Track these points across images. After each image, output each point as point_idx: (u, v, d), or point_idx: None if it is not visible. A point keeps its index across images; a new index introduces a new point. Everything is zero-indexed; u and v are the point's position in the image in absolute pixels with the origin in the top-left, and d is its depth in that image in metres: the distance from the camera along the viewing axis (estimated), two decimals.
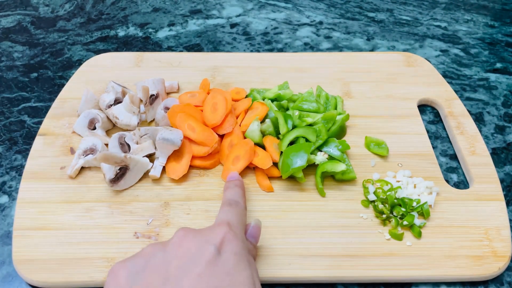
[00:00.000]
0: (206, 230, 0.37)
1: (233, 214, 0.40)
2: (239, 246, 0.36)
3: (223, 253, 0.35)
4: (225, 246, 0.35)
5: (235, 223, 0.39)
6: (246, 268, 0.35)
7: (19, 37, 0.75)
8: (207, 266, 0.33)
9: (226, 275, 0.33)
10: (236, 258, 0.35)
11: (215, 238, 0.35)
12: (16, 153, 0.57)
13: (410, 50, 0.74)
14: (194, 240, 0.35)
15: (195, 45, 0.74)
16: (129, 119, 0.56)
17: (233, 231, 0.37)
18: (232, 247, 0.35)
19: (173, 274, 0.33)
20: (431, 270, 0.45)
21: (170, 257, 0.34)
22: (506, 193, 0.54)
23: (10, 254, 0.47)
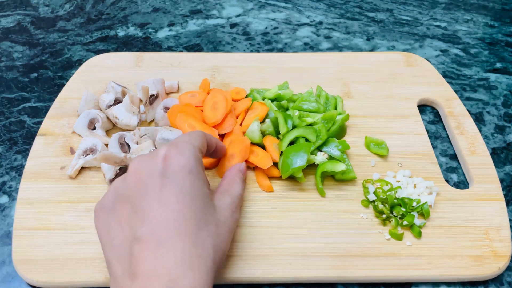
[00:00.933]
0: (153, 152, 0.38)
1: (184, 135, 0.41)
2: (185, 161, 0.36)
3: (170, 174, 0.35)
4: (169, 165, 0.36)
5: (181, 139, 0.39)
6: (202, 186, 0.37)
7: (19, 37, 0.75)
8: (160, 191, 0.35)
9: (182, 194, 0.35)
10: (186, 175, 0.36)
11: (157, 161, 0.36)
12: (16, 153, 0.57)
13: (410, 50, 0.74)
14: (145, 167, 0.36)
15: (195, 45, 0.74)
16: (129, 119, 0.56)
17: (176, 147, 0.38)
18: (177, 164, 0.36)
19: (136, 205, 0.35)
20: (431, 270, 0.45)
21: (129, 188, 0.36)
22: (506, 193, 0.54)
23: (10, 254, 0.47)
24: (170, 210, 0.34)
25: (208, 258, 0.34)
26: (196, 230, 0.34)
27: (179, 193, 0.35)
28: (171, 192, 0.35)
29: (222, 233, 0.38)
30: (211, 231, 0.36)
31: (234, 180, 0.46)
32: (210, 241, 0.35)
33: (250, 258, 0.46)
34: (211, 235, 0.36)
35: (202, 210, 0.36)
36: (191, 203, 0.35)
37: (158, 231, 0.33)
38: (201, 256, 0.34)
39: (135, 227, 0.34)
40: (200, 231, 0.34)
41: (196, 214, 0.35)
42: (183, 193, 0.35)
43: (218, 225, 0.37)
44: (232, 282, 0.45)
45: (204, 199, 0.37)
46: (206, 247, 0.34)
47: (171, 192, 0.35)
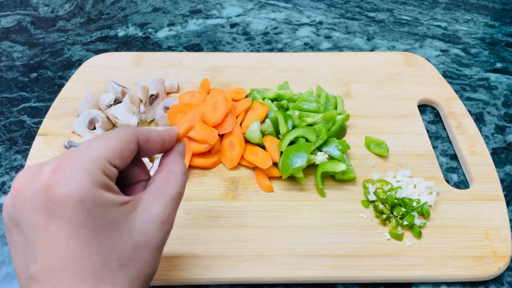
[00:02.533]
0: (38, 168, 0.30)
1: (88, 142, 0.31)
2: (69, 189, 0.28)
3: (53, 204, 0.28)
4: (52, 190, 0.28)
5: (75, 156, 0.30)
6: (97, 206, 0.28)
7: (19, 37, 0.75)
8: (47, 223, 0.28)
9: (70, 228, 0.28)
10: (71, 203, 0.28)
11: (40, 181, 0.28)
12: (16, 153, 0.57)
13: (410, 50, 0.74)
14: (26, 185, 0.29)
15: (195, 45, 0.74)
16: (129, 119, 0.56)
17: (63, 168, 0.28)
18: (59, 192, 0.28)
19: (26, 233, 0.29)
20: (431, 270, 0.45)
21: (15, 210, 0.29)
22: (506, 193, 0.54)
23: (10, 254, 0.47)
24: (62, 249, 0.27)
25: None
26: (100, 265, 0.28)
27: (70, 228, 0.27)
28: (60, 228, 0.27)
29: (142, 257, 0.30)
30: (123, 261, 0.29)
31: (171, 171, 0.34)
32: (122, 273, 0.29)
33: (250, 258, 0.46)
34: (125, 265, 0.29)
35: (106, 241, 0.29)
36: (89, 237, 0.28)
37: (50, 272, 0.27)
38: None
39: (29, 262, 0.29)
40: (106, 266, 0.28)
41: (98, 248, 0.28)
42: (76, 227, 0.28)
43: (136, 249, 0.30)
44: (232, 282, 0.45)
45: (110, 226, 0.29)
46: (117, 281, 0.29)
47: (61, 228, 0.27)
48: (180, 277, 0.44)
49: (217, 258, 0.45)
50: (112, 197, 0.30)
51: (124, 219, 0.30)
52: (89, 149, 0.30)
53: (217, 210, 0.50)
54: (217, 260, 0.45)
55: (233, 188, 0.52)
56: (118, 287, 0.29)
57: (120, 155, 0.31)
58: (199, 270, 0.45)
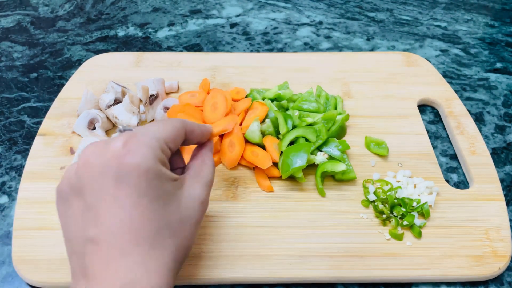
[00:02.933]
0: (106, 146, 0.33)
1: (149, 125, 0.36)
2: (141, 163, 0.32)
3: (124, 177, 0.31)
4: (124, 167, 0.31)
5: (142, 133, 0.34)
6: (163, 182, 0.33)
7: (18, 37, 0.75)
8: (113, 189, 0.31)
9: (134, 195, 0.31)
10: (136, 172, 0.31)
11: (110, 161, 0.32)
12: (16, 153, 0.57)
13: (410, 50, 0.74)
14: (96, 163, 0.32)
15: (195, 45, 0.74)
16: (128, 119, 0.56)
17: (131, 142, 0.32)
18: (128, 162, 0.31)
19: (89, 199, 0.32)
20: (431, 270, 0.45)
21: (80, 178, 0.32)
22: (506, 193, 0.54)
23: (10, 254, 0.47)
24: (124, 214, 0.31)
25: (169, 258, 0.32)
26: (154, 232, 0.32)
27: (134, 195, 0.31)
28: (125, 194, 0.31)
29: (186, 230, 0.35)
30: (172, 231, 0.33)
31: (204, 162, 0.40)
32: (170, 242, 0.33)
33: (250, 258, 0.46)
34: (173, 234, 0.33)
35: (162, 210, 0.33)
36: (149, 205, 0.32)
37: (111, 234, 0.31)
38: (159, 258, 0.32)
39: (87, 226, 0.31)
40: (159, 233, 0.32)
41: (154, 215, 0.32)
42: (139, 195, 0.31)
43: (182, 221, 0.34)
44: (232, 282, 0.45)
45: (165, 197, 0.33)
46: (166, 248, 0.32)
47: (126, 194, 0.31)
48: (180, 277, 0.44)
49: (217, 258, 0.45)
50: (168, 172, 0.34)
51: (174, 193, 0.34)
52: (150, 130, 0.34)
53: (217, 210, 0.50)
54: (217, 260, 0.45)
55: (233, 188, 0.52)
56: (167, 253, 0.32)
57: (174, 139, 0.36)
58: (199, 270, 0.45)
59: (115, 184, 0.31)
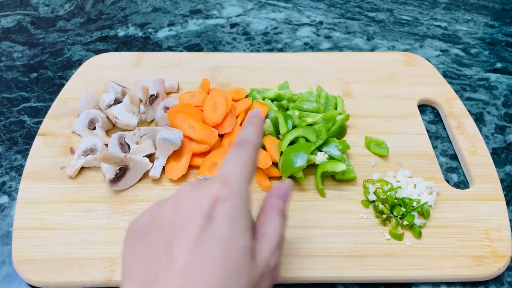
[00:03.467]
0: (202, 185, 0.33)
1: (235, 162, 0.34)
2: (235, 207, 0.31)
3: (215, 218, 0.30)
4: (218, 208, 0.31)
5: (235, 175, 0.33)
6: (242, 234, 0.31)
7: (19, 37, 0.75)
8: (198, 234, 0.30)
9: (218, 243, 0.30)
10: (231, 223, 0.31)
11: (205, 199, 0.31)
12: (16, 153, 0.57)
13: (410, 50, 0.74)
14: (188, 199, 0.32)
15: (195, 45, 0.74)
16: (129, 119, 0.56)
17: (229, 187, 0.32)
18: (226, 209, 0.31)
19: (167, 240, 0.30)
20: (431, 270, 0.45)
21: (166, 218, 0.32)
22: (506, 193, 0.54)
23: (10, 254, 0.47)
24: (200, 260, 0.29)
25: None
26: (224, 285, 0.29)
27: (215, 241, 0.30)
28: (207, 240, 0.30)
29: (258, 284, 0.32)
30: (242, 286, 0.30)
31: (270, 215, 0.36)
32: None
33: None
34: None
35: (234, 265, 0.30)
36: (225, 255, 0.30)
37: (181, 280, 0.29)
38: None
39: (158, 266, 0.30)
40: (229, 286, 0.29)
41: (226, 269, 0.30)
42: (220, 243, 0.30)
43: (252, 278, 0.31)
44: None
45: (241, 252, 0.31)
46: None
47: (207, 240, 0.30)
48: None
49: None
50: (248, 219, 0.33)
51: (249, 246, 0.32)
52: (242, 172, 0.33)
53: None
54: None
55: None
56: None
57: (254, 172, 0.35)
58: None
59: (202, 225, 0.30)
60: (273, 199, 0.37)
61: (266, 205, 0.37)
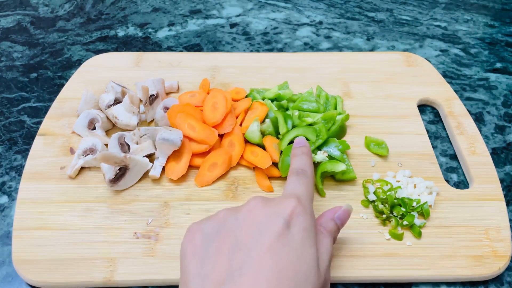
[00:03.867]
0: (276, 201, 0.37)
1: (302, 186, 0.39)
2: (307, 221, 0.35)
3: (292, 227, 0.34)
4: (294, 220, 0.35)
5: (304, 196, 0.38)
6: (312, 245, 0.34)
7: (18, 37, 0.75)
8: (276, 238, 0.33)
9: (293, 250, 0.33)
10: (304, 234, 0.34)
11: (284, 211, 0.35)
12: (16, 153, 0.57)
13: (410, 50, 0.74)
14: (264, 210, 0.35)
15: (195, 45, 0.74)
16: (128, 119, 0.56)
17: (302, 205, 0.36)
18: (301, 222, 0.35)
19: (243, 242, 0.33)
20: (431, 270, 0.45)
21: (240, 224, 0.35)
22: (506, 193, 0.54)
23: (10, 254, 0.47)
24: (275, 262, 0.32)
25: None
26: None
27: (291, 248, 0.33)
28: (284, 244, 0.33)
29: None
30: None
31: (321, 232, 0.39)
32: None
33: None
34: None
35: (304, 272, 0.33)
36: (299, 261, 0.33)
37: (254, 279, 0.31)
38: None
39: (234, 265, 0.32)
40: None
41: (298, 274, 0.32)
42: (295, 249, 0.33)
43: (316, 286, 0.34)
44: None
45: (311, 260, 0.34)
46: None
47: (284, 245, 0.33)
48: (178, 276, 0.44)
49: None
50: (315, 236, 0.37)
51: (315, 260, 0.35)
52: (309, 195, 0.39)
53: (217, 210, 0.49)
54: None
55: (233, 188, 0.52)
56: None
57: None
58: None
59: (282, 230, 0.34)
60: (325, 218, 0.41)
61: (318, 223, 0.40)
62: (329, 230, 0.39)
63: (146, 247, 0.46)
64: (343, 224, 0.42)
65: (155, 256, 0.46)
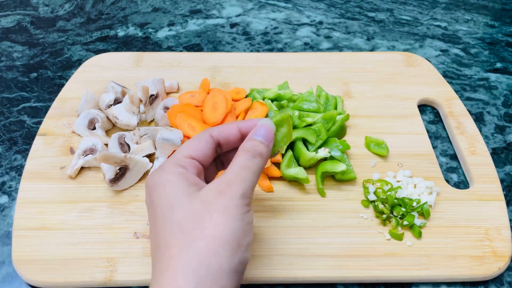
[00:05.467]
0: None
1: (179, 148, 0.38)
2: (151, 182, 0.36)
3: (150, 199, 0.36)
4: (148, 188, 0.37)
5: (166, 161, 0.37)
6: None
7: (18, 37, 0.75)
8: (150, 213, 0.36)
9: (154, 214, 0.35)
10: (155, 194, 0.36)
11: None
12: (16, 153, 0.57)
13: (410, 50, 0.74)
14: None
15: (195, 45, 0.74)
16: (128, 119, 0.56)
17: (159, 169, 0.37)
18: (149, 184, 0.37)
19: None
20: (431, 270, 0.45)
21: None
22: (506, 193, 0.54)
23: (10, 254, 0.47)
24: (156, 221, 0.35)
25: None
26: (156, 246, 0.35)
27: (152, 207, 0.36)
28: (153, 206, 0.36)
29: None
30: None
31: (242, 164, 0.36)
32: None
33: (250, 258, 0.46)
34: None
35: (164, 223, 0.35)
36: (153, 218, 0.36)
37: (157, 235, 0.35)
38: None
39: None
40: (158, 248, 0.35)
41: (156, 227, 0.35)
42: (153, 207, 0.36)
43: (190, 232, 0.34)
44: None
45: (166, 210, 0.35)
46: None
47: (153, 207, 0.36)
48: None
49: None
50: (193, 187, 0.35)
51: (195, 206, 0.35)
52: (179, 149, 0.37)
53: None
54: None
55: None
56: None
57: (199, 152, 0.37)
58: None
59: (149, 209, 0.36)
60: (245, 146, 0.37)
61: (236, 155, 0.37)
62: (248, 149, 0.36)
63: (146, 247, 0.46)
64: (268, 141, 0.37)
65: None
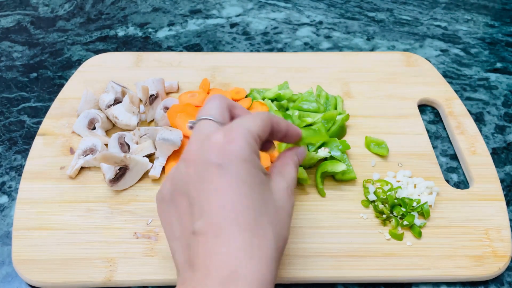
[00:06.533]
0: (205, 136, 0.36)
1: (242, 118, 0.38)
2: (236, 148, 0.34)
3: (225, 163, 0.33)
4: (223, 154, 0.34)
5: (236, 125, 0.36)
6: (258, 173, 0.35)
7: (18, 37, 0.75)
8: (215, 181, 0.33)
9: (240, 184, 0.33)
10: (241, 164, 0.34)
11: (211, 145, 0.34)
12: (15, 153, 0.57)
13: (410, 50, 0.74)
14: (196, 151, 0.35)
15: (195, 45, 0.74)
16: (128, 119, 0.56)
17: (229, 134, 0.35)
18: (229, 151, 0.34)
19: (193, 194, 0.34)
20: (431, 270, 0.45)
21: (184, 176, 0.35)
22: (506, 193, 0.54)
23: (9, 254, 0.47)
24: (227, 201, 0.32)
25: (270, 246, 0.33)
26: (254, 218, 0.33)
27: (235, 182, 0.33)
28: (227, 182, 0.33)
29: (281, 219, 0.35)
30: (270, 218, 0.34)
31: (288, 163, 0.41)
32: (270, 229, 0.33)
33: None
34: (271, 222, 0.34)
35: (260, 198, 0.34)
36: (248, 191, 0.33)
37: (215, 222, 0.32)
38: (261, 245, 0.32)
39: (192, 220, 0.33)
40: (259, 220, 0.33)
41: (254, 202, 0.33)
42: (239, 182, 0.33)
43: (277, 211, 0.35)
44: None
45: (262, 186, 0.35)
46: (266, 236, 0.33)
47: (227, 182, 0.33)
48: None
49: None
50: (260, 164, 0.36)
51: (267, 183, 0.36)
52: (243, 123, 0.36)
53: None
54: None
55: None
56: (267, 241, 0.32)
57: (263, 131, 0.37)
58: None
59: (217, 173, 0.33)
60: (290, 153, 0.42)
61: (282, 156, 0.41)
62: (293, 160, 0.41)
63: (146, 247, 0.46)
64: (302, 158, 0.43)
65: (154, 256, 0.46)
